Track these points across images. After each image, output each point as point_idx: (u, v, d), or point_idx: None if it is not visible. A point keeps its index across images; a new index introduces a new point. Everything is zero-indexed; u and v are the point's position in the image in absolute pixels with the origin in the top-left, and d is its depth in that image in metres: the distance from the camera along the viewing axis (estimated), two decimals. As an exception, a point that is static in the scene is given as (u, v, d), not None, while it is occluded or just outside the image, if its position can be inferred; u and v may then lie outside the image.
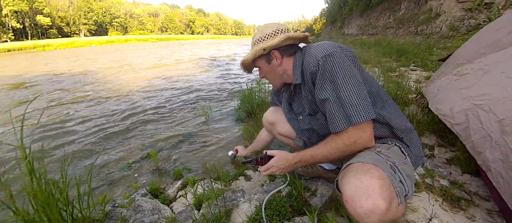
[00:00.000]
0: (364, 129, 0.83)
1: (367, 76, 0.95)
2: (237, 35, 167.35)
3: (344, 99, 0.82)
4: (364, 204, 0.66)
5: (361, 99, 0.81)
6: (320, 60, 0.87)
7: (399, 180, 0.76)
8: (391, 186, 0.71)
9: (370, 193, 0.67)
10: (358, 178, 0.71)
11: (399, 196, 0.72)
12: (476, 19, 8.73)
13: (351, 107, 0.81)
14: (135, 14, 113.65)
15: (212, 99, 4.55)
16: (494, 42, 1.57)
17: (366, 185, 0.68)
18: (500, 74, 1.18)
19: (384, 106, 0.94)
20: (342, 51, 0.88)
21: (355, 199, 0.68)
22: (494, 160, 0.95)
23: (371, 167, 0.73)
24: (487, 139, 1.01)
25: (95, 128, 3.32)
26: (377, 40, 12.22)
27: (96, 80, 7.23)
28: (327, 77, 0.86)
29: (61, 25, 73.15)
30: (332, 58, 0.85)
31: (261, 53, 1.02)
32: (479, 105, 1.12)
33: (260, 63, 1.08)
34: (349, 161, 0.82)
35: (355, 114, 0.81)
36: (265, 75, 1.12)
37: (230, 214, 1.19)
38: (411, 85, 2.92)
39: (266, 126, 1.41)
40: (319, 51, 0.90)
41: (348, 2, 31.30)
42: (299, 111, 1.15)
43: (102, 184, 2.00)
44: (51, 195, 0.94)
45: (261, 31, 1.06)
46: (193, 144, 2.64)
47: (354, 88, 0.82)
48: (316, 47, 0.93)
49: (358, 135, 0.83)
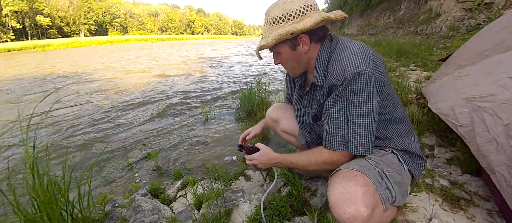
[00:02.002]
0: (348, 156, 0.84)
1: (388, 92, 0.85)
2: (237, 35, 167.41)
3: (352, 128, 0.78)
4: (347, 210, 0.68)
5: (368, 134, 0.79)
6: (348, 77, 0.75)
7: (386, 186, 0.76)
8: (375, 193, 0.72)
9: (353, 200, 0.69)
10: (343, 184, 0.73)
11: (384, 202, 0.73)
12: (476, 19, 8.74)
13: (355, 139, 0.79)
14: (135, 14, 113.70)
15: (212, 99, 4.55)
16: (497, 44, 1.56)
17: (349, 191, 0.70)
18: (503, 75, 1.17)
19: (395, 126, 0.90)
20: (374, 70, 0.77)
21: (339, 205, 0.70)
22: (499, 164, 0.95)
23: (357, 174, 0.74)
24: (493, 143, 1.00)
25: (95, 128, 3.32)
26: (377, 40, 12.22)
27: (95, 80, 7.23)
28: (346, 98, 0.77)
29: (61, 25, 73.18)
30: (361, 79, 0.74)
31: (287, 37, 0.82)
32: (484, 108, 1.12)
33: (282, 49, 0.88)
34: (338, 167, 0.83)
35: (355, 145, 0.79)
36: (283, 62, 0.93)
37: (230, 214, 1.19)
38: (411, 85, 2.92)
39: (269, 123, 1.38)
40: (351, 64, 0.76)
41: (348, 2, 31.29)
42: (308, 105, 1.07)
43: (102, 184, 2.00)
44: (52, 195, 0.95)
45: (282, 7, 0.82)
46: (193, 144, 2.64)
47: (367, 121, 0.77)
48: (349, 53, 0.78)
49: (342, 160, 0.84)
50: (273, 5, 0.86)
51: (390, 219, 0.83)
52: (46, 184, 0.94)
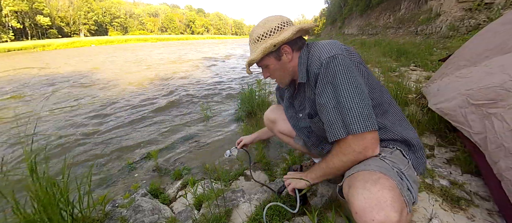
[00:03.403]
0: (366, 138, 0.78)
1: (372, 81, 0.91)
2: (237, 35, 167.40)
3: (344, 106, 0.78)
4: (376, 217, 0.63)
5: (363, 107, 0.77)
6: (324, 61, 0.83)
7: (407, 188, 0.73)
8: (401, 196, 0.68)
9: (383, 205, 0.64)
10: (368, 188, 0.68)
11: (408, 205, 0.70)
12: (476, 19, 8.74)
13: (352, 116, 0.77)
14: (135, 14, 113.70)
15: (212, 100, 4.55)
16: (498, 45, 1.55)
17: (377, 196, 0.65)
18: (506, 77, 1.16)
19: (385, 113, 0.91)
20: (348, 54, 0.85)
21: (366, 211, 0.65)
22: (506, 169, 0.94)
23: (381, 176, 0.70)
24: (501, 148, 0.99)
25: (95, 127, 3.32)
26: (377, 40, 12.21)
27: (95, 80, 7.23)
28: (329, 80, 0.82)
29: (61, 25, 73.19)
30: (336, 61, 0.81)
31: (271, 49, 0.93)
32: (494, 114, 1.11)
33: (269, 61, 0.98)
34: (353, 168, 0.79)
35: (355, 122, 0.77)
36: (272, 74, 1.03)
37: (230, 214, 1.19)
38: (411, 85, 2.92)
39: (266, 124, 1.39)
40: (324, 52, 0.85)
41: (348, 2, 31.32)
42: (300, 109, 1.11)
43: (102, 184, 2.00)
44: (52, 195, 0.95)
45: (263, 27, 0.96)
46: (193, 144, 2.64)
47: (356, 95, 0.78)
48: (321, 46, 0.89)
49: (358, 145, 0.78)
50: (255, 27, 0.99)
51: (409, 221, 0.78)
52: (45, 185, 0.94)
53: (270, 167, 1.84)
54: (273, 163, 1.89)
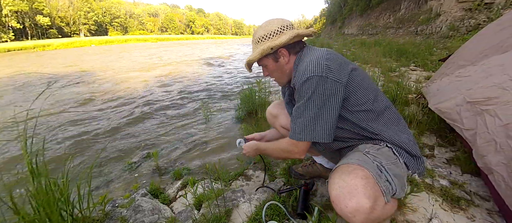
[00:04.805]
0: (298, 145, 0.94)
1: (366, 86, 0.93)
2: (237, 35, 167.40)
3: (298, 117, 0.91)
4: (348, 203, 0.69)
5: (307, 122, 0.88)
6: (303, 79, 0.89)
7: (386, 179, 0.78)
8: (376, 185, 0.74)
9: (354, 192, 0.70)
10: (343, 178, 0.74)
11: (385, 195, 0.75)
12: (476, 19, 8.73)
13: (297, 126, 0.91)
14: (135, 14, 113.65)
15: (212, 99, 4.55)
16: (497, 44, 1.56)
17: (349, 184, 0.72)
18: (505, 78, 1.17)
19: (378, 117, 0.93)
20: (327, 74, 0.86)
21: (340, 199, 0.71)
22: (497, 164, 0.96)
23: (356, 167, 0.77)
24: (491, 143, 1.01)
25: (95, 127, 3.32)
26: (377, 40, 12.20)
27: (95, 80, 7.23)
28: (301, 95, 0.91)
29: (61, 25, 73.15)
30: (310, 82, 0.87)
31: (268, 52, 0.99)
32: (487, 110, 1.12)
33: (267, 62, 1.05)
34: (338, 163, 0.86)
35: (296, 132, 0.91)
36: (271, 74, 1.10)
37: (230, 214, 1.19)
38: (411, 85, 2.92)
39: (269, 119, 1.42)
40: (308, 70, 0.88)
41: (348, 2, 31.32)
42: None
43: (102, 184, 2.00)
44: (52, 195, 0.94)
45: (264, 28, 1.02)
46: (193, 144, 2.64)
47: (311, 113, 0.88)
48: (309, 62, 0.91)
49: (295, 150, 0.96)
50: (258, 28, 1.06)
51: (391, 212, 0.85)
52: (45, 185, 0.93)
53: (270, 167, 1.84)
54: (273, 163, 1.89)
